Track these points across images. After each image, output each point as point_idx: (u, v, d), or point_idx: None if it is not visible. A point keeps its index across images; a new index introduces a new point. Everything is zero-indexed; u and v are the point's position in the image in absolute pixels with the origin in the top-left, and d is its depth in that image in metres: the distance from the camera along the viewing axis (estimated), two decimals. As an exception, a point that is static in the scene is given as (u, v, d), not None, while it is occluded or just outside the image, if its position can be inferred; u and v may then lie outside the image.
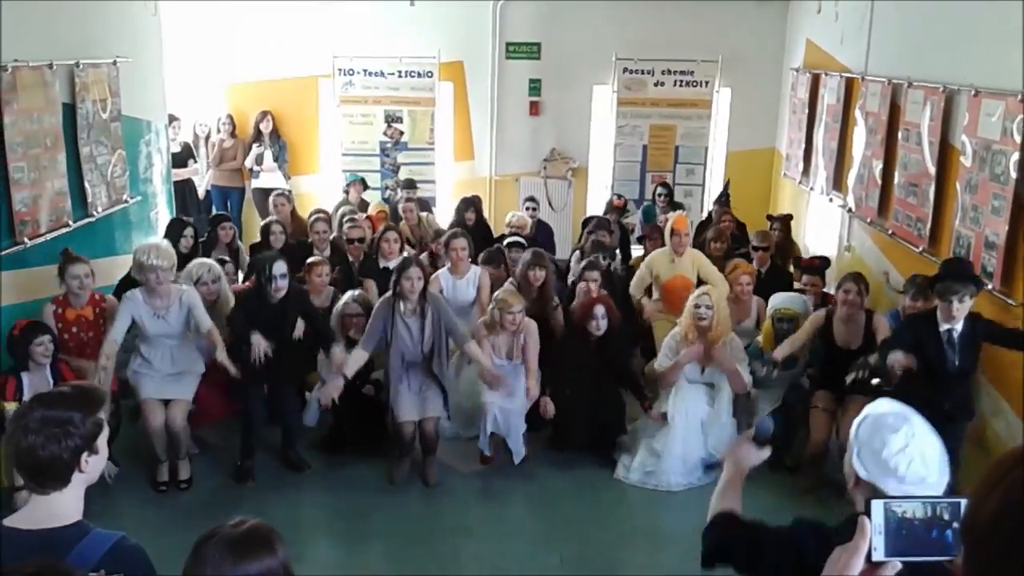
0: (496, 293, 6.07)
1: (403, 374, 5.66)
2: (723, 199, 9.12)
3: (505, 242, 7.55)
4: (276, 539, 2.00)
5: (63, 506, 2.18)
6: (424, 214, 8.81)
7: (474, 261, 6.84)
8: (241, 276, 7.31)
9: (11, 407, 4.88)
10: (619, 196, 9.62)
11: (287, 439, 5.93)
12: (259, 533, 1.99)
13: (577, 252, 7.90)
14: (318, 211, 8.07)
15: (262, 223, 7.78)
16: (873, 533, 1.58)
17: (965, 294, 4.65)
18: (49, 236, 6.37)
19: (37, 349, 5.10)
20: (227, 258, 7.12)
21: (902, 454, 2.02)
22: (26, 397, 4.94)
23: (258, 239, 7.58)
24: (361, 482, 5.74)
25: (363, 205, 9.25)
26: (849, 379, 5.14)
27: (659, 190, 9.43)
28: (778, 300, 6.24)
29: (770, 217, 8.77)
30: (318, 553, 4.96)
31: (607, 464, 5.99)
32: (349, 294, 6.20)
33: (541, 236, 8.72)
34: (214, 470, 5.83)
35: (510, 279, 6.65)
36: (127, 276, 6.31)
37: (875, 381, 4.95)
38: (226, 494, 5.56)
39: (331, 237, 7.52)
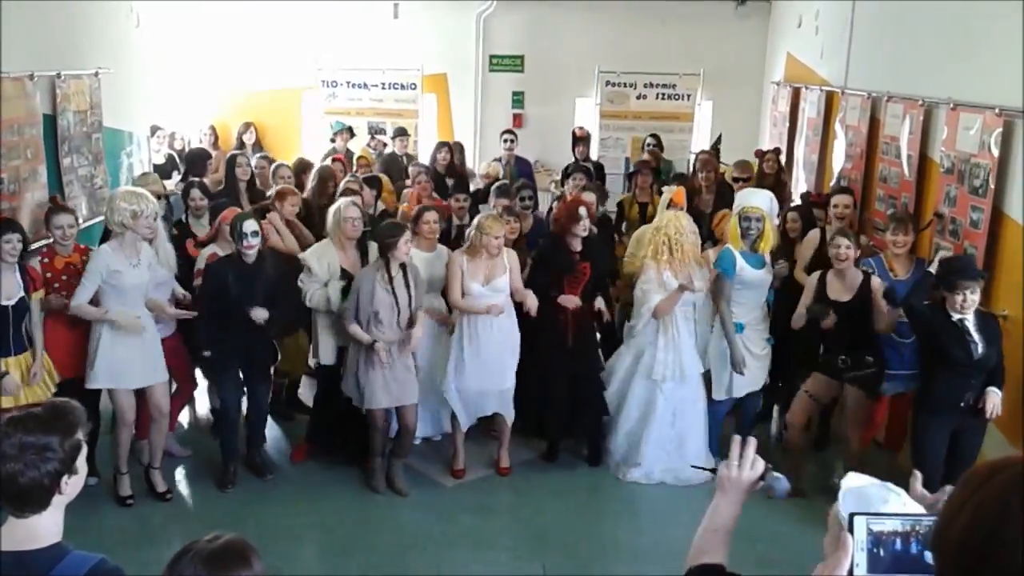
0: (477, 217, 5.83)
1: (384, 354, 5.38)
2: (713, 151, 8.96)
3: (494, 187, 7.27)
4: (252, 553, 1.99)
5: (41, 527, 2.11)
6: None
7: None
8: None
9: None
10: (580, 128, 9.62)
11: (254, 438, 5.81)
12: (235, 547, 1.98)
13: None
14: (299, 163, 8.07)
15: (228, 155, 7.65)
16: (855, 549, 1.57)
17: (976, 287, 4.73)
18: (30, 247, 6.30)
19: (5, 247, 4.84)
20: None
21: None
22: None
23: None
24: (340, 492, 5.70)
25: (349, 155, 9.19)
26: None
27: (649, 140, 9.41)
28: (744, 197, 5.90)
29: (759, 152, 8.61)
30: (297, 567, 4.91)
31: (593, 459, 6.08)
32: (345, 199, 5.94)
33: (522, 170, 8.78)
34: (191, 479, 5.79)
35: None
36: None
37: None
38: (203, 506, 5.52)
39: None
